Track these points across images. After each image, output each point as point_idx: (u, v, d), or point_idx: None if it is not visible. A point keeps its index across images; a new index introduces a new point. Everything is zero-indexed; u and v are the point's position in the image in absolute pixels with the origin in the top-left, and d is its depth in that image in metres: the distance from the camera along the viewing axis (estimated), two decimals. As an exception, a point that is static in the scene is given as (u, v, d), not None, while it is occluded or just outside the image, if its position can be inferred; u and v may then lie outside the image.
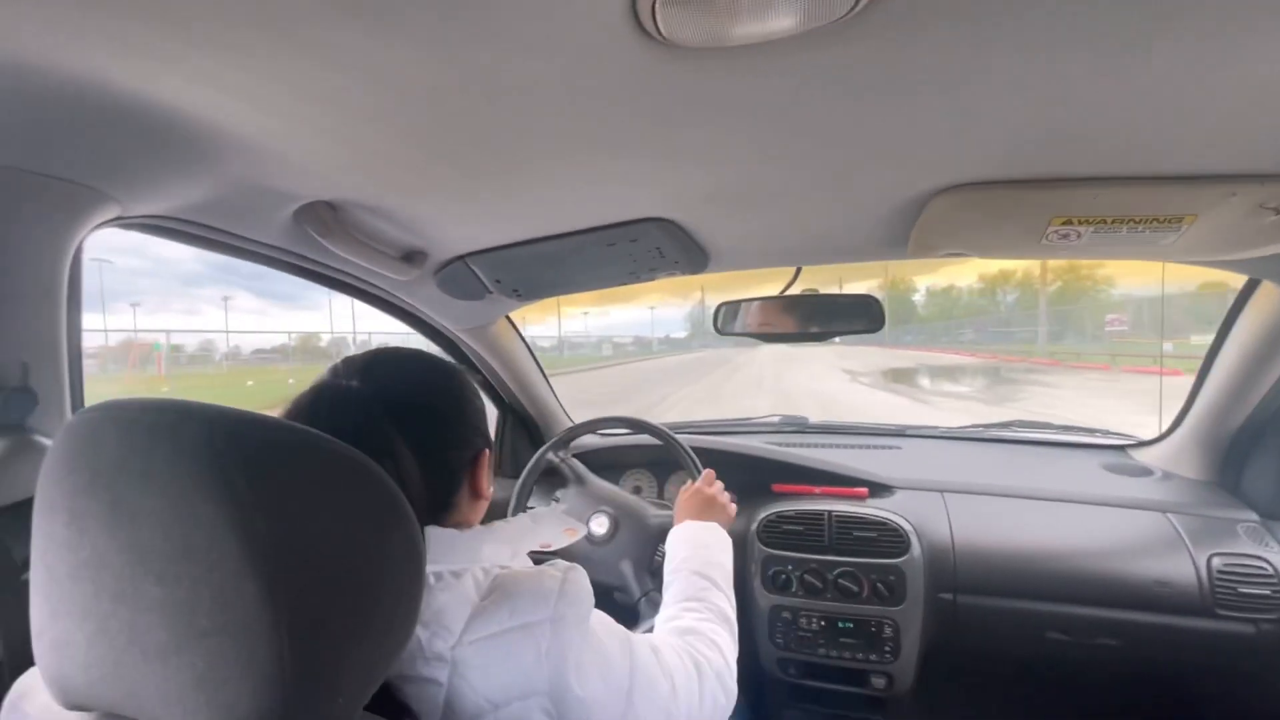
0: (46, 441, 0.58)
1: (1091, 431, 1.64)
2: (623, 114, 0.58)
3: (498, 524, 0.65)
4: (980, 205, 0.74)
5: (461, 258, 0.97)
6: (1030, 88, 0.53)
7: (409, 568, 0.40)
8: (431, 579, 0.54)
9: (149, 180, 0.62)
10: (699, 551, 0.87)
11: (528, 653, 0.51)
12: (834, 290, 1.11)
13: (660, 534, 1.26)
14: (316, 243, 0.80)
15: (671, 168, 0.70)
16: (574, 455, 1.63)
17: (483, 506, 0.67)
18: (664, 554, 1.27)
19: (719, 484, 1.09)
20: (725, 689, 0.69)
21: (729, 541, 0.93)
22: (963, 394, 13.92)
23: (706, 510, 1.00)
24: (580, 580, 0.58)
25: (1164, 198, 0.66)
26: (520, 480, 1.34)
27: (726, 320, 1.21)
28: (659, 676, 0.60)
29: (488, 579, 0.56)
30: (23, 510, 0.42)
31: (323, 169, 0.68)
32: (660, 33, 0.44)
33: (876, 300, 1.07)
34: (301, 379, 0.61)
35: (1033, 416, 1.81)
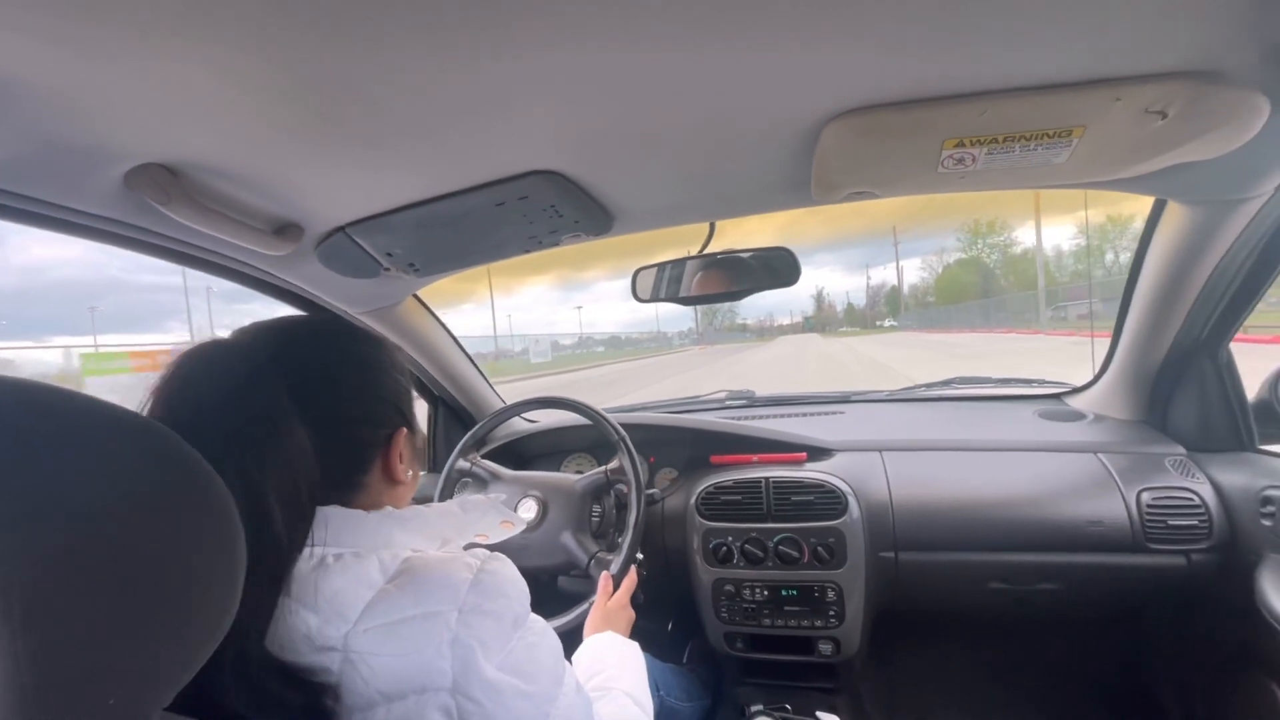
0: None
1: (1028, 382, 1.65)
2: (481, 51, 0.52)
3: (414, 508, 0.59)
4: (874, 132, 0.70)
5: (341, 229, 0.89)
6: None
7: (218, 548, 0.35)
8: (330, 559, 0.50)
9: None
10: (626, 674, 0.80)
11: (429, 643, 0.48)
12: (750, 247, 1.07)
13: (590, 492, 1.20)
14: (159, 213, 0.72)
15: (545, 109, 0.65)
16: (506, 444, 1.57)
17: (402, 492, 0.62)
18: (599, 514, 1.22)
19: (626, 585, 1.04)
20: None
21: (642, 657, 0.88)
22: None
23: (616, 620, 0.96)
24: (501, 572, 0.54)
25: (1051, 107, 0.63)
26: (437, 493, 1.27)
27: (644, 286, 1.16)
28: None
29: (396, 562, 0.52)
30: None
31: (151, 125, 0.60)
32: None
33: (791, 253, 1.04)
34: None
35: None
